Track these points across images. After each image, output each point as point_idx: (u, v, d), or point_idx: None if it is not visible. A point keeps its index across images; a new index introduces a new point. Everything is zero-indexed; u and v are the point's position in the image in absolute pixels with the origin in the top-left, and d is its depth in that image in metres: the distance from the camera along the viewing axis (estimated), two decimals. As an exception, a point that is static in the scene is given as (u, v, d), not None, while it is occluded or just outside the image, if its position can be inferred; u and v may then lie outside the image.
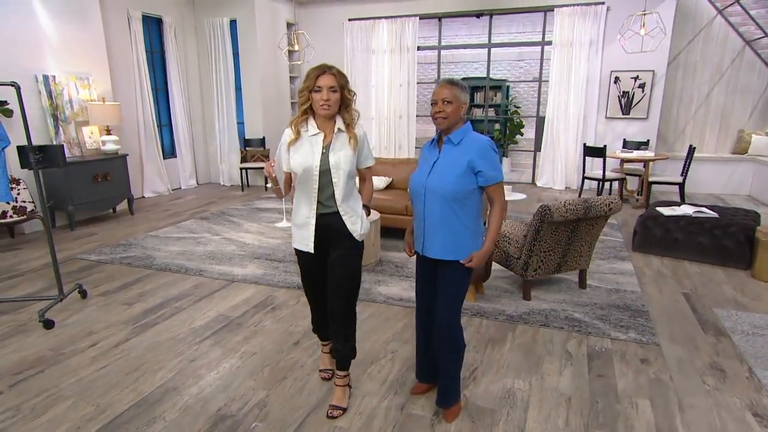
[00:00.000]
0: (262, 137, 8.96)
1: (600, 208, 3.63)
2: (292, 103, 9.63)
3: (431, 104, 2.19)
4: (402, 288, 4.07)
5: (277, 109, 9.25)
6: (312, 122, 2.31)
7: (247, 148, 8.95)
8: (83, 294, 3.97)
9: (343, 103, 2.29)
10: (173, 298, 3.96)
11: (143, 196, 8.07)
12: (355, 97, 2.32)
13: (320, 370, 2.85)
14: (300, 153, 2.30)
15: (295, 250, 2.45)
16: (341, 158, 2.28)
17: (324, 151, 2.29)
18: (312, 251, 2.37)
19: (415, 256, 2.46)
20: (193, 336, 3.32)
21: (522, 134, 11.43)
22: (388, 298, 3.88)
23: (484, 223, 2.43)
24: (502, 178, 2.20)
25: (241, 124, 9.26)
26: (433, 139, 2.31)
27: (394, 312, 3.66)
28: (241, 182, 8.89)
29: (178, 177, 8.96)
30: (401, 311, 3.67)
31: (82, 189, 6.09)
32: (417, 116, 9.84)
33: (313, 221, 2.33)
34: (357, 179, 2.47)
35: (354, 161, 2.33)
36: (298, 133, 2.30)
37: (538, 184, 8.92)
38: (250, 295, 4.01)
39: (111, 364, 2.99)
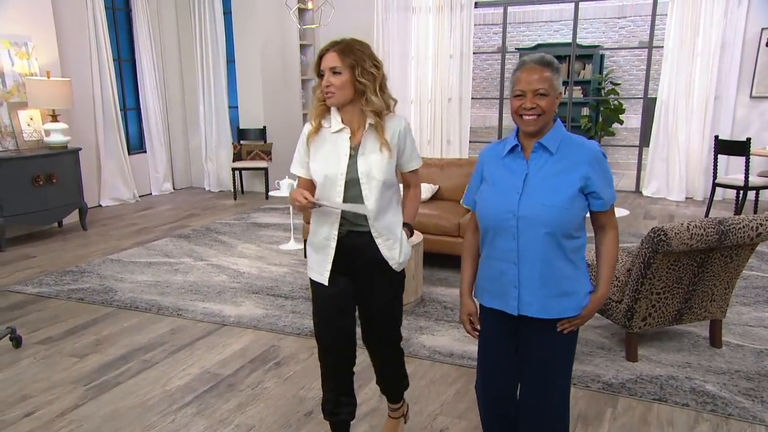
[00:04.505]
0: (262, 127, 9.10)
1: (742, 233, 3.53)
2: (303, 80, 9.76)
3: (513, 95, 2.08)
4: (453, 338, 4.05)
5: (283, 90, 9.39)
6: (336, 114, 2.37)
7: (241, 142, 9.11)
8: (16, 342, 4.04)
9: (357, 90, 2.31)
10: (141, 347, 4.02)
11: (100, 205, 8.29)
12: (380, 80, 2.32)
13: None
14: (321, 156, 2.38)
15: (311, 281, 2.53)
16: (374, 164, 2.34)
17: (352, 153, 2.35)
18: (326, 283, 2.44)
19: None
20: (169, 402, 3.36)
21: (621, 122, 11.36)
22: (433, 353, 3.87)
23: None
24: (616, 198, 2.17)
25: (233, 108, 9.44)
26: (508, 144, 2.20)
27: (443, 372, 3.65)
28: (234, 188, 9.04)
29: (148, 180, 9.19)
30: (453, 371, 3.64)
31: (16, 195, 6.24)
32: (473, 99, 9.87)
33: (334, 243, 2.40)
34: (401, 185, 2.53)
35: (391, 167, 2.38)
36: (319, 126, 2.38)
37: (645, 192, 8.86)
38: (247, 344, 4.06)
39: (56, 440, 3.03)
